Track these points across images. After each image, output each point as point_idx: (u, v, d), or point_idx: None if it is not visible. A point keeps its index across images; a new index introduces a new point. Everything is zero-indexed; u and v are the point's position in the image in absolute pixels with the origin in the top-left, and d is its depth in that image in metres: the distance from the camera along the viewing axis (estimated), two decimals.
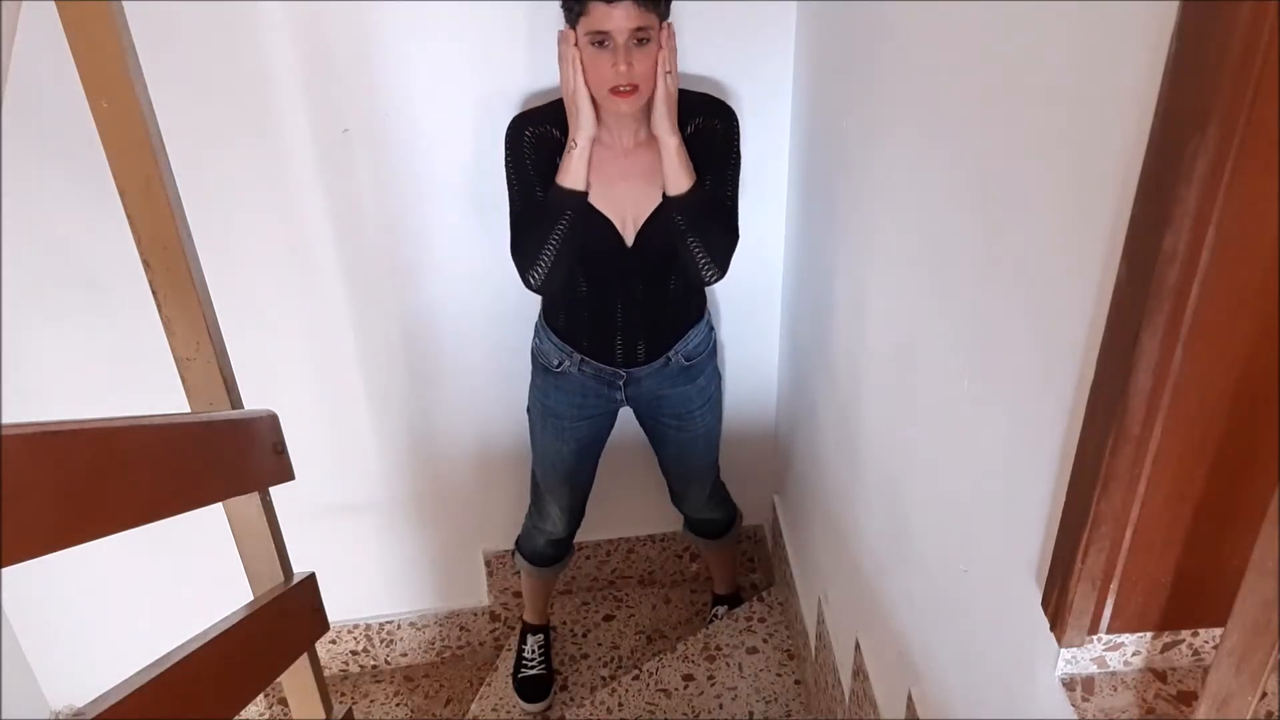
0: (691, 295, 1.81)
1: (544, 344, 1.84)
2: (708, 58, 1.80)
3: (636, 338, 1.78)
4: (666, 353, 1.81)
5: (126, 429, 0.81)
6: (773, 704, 2.12)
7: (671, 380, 1.85)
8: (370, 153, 1.83)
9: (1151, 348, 0.67)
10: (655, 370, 1.82)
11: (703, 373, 1.88)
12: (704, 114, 1.61)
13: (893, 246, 1.31)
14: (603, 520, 2.34)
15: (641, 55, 1.45)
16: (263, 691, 1.71)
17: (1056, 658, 0.86)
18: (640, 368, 1.81)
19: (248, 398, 1.18)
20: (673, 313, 1.79)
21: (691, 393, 1.88)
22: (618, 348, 1.78)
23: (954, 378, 1.09)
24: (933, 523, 1.22)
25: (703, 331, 1.85)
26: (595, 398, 1.86)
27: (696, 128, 1.60)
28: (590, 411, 1.89)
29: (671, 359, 1.82)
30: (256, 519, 1.18)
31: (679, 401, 1.89)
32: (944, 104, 1.07)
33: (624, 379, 1.82)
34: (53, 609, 2.28)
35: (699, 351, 1.85)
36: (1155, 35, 0.63)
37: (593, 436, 1.95)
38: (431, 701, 2.49)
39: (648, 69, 1.47)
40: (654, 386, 1.85)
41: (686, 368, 1.84)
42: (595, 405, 1.88)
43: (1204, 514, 0.76)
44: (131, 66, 0.96)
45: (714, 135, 1.61)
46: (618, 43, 1.43)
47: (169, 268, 1.05)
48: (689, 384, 1.87)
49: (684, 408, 1.90)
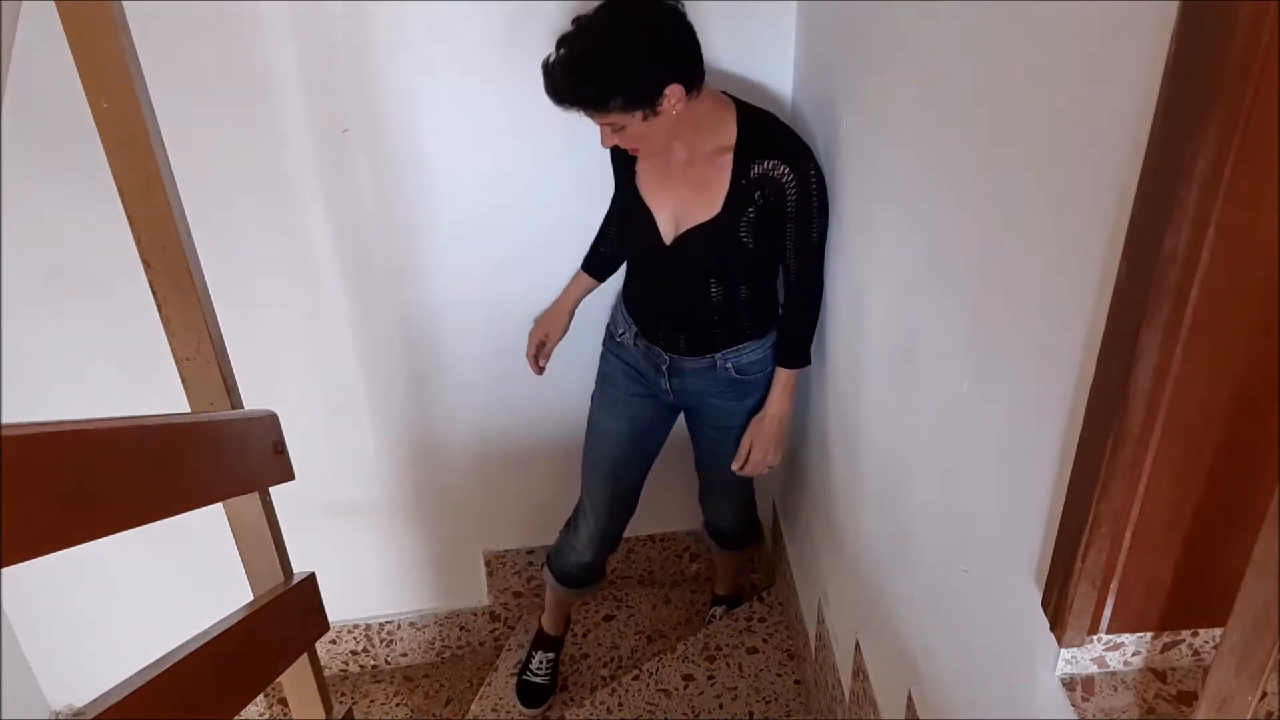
0: (746, 309, 1.73)
1: (616, 313, 1.90)
2: (707, 57, 1.80)
3: (678, 329, 1.77)
4: (712, 354, 1.75)
5: (126, 429, 0.81)
6: (773, 704, 2.12)
7: (720, 389, 1.80)
8: (370, 153, 1.83)
9: (1151, 348, 0.67)
10: (701, 370, 1.78)
11: (754, 395, 1.80)
12: (773, 156, 1.54)
13: (893, 247, 1.31)
14: None
15: (622, 136, 1.49)
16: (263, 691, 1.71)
17: (1056, 658, 0.86)
18: (684, 359, 1.78)
19: (248, 398, 1.18)
20: (719, 317, 1.73)
21: (738, 410, 1.83)
22: (660, 332, 1.79)
23: (954, 378, 1.09)
24: (933, 523, 1.22)
25: (761, 350, 1.76)
26: (645, 377, 1.86)
27: (763, 173, 1.54)
28: (640, 390, 1.88)
29: (719, 363, 1.76)
30: (256, 519, 1.18)
31: (724, 415, 1.85)
32: (944, 104, 1.07)
33: (667, 364, 1.80)
34: (53, 609, 2.28)
35: (753, 370, 1.77)
36: (1155, 35, 0.63)
37: (643, 425, 1.92)
38: (431, 701, 2.49)
39: (635, 140, 1.50)
40: (700, 388, 1.81)
41: (737, 381, 1.78)
42: (645, 385, 1.87)
43: (1204, 514, 0.76)
44: (131, 66, 0.96)
45: (782, 186, 1.53)
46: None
47: (169, 268, 1.05)
48: (737, 401, 1.81)
49: (726, 423, 1.85)
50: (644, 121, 1.45)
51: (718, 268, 1.66)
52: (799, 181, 1.52)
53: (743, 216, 1.57)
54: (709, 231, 1.60)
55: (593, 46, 1.40)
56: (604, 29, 1.41)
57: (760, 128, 1.57)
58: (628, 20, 1.41)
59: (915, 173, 1.19)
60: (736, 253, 1.61)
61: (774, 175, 1.52)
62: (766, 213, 1.56)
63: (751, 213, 1.56)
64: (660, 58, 1.42)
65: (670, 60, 1.43)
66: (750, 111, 1.58)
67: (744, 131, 1.55)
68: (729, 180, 1.55)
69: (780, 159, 1.52)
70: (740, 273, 1.67)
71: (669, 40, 1.43)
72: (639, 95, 1.42)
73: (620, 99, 1.42)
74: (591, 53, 1.40)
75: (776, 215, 1.56)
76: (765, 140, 1.55)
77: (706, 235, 1.60)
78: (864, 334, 1.48)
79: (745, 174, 1.54)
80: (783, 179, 1.52)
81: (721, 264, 1.66)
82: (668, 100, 1.43)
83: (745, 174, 1.54)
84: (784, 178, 1.52)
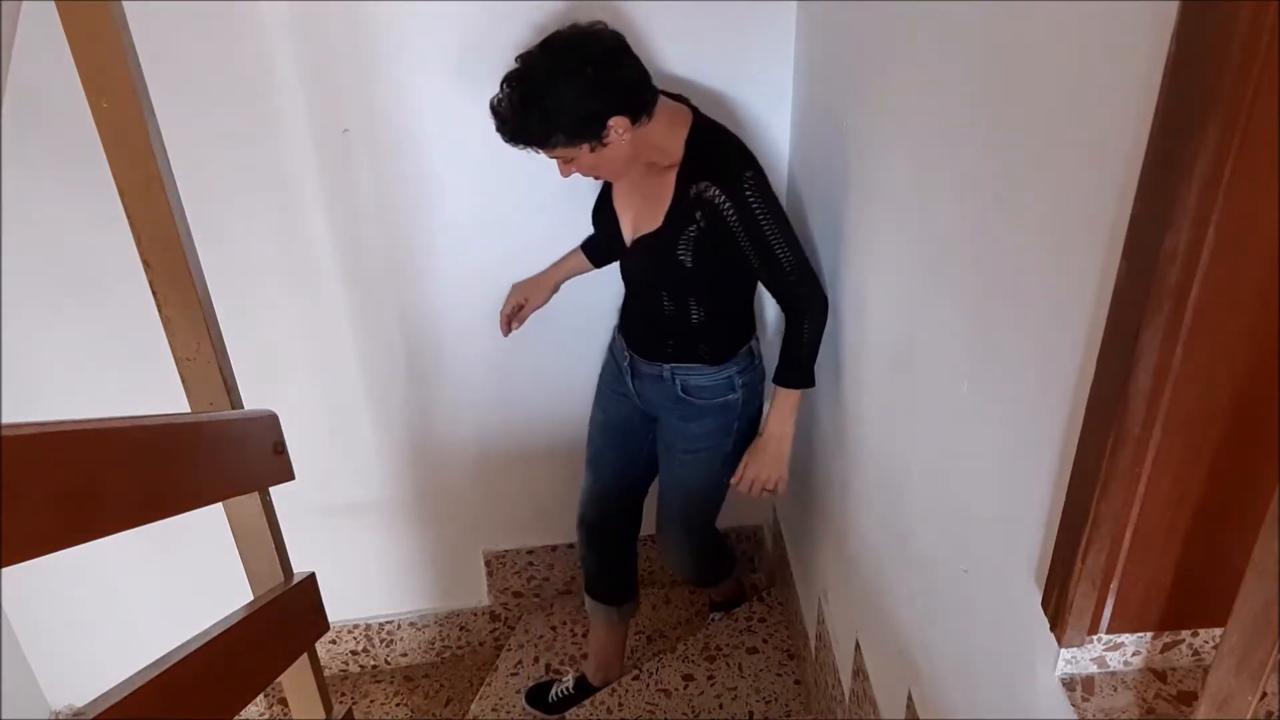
0: (703, 333, 1.70)
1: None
2: (708, 58, 1.80)
3: (638, 329, 1.80)
4: (661, 364, 1.75)
5: (126, 429, 0.81)
6: (773, 704, 2.12)
7: (670, 404, 1.79)
8: (370, 153, 1.83)
9: (1151, 348, 0.67)
10: (654, 379, 1.78)
11: (699, 420, 1.78)
12: (707, 178, 1.50)
13: (893, 247, 1.31)
14: None
15: (576, 166, 1.52)
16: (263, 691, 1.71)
17: (1056, 658, 0.86)
18: (641, 361, 1.79)
19: (248, 398, 1.18)
20: (671, 329, 1.72)
21: (682, 431, 1.81)
22: (629, 327, 1.82)
23: (954, 378, 1.09)
24: (933, 523, 1.22)
25: (712, 378, 1.73)
26: (620, 374, 1.87)
27: (699, 193, 1.51)
28: (619, 386, 1.89)
29: (665, 375, 1.76)
30: (256, 519, 1.18)
31: (673, 433, 1.83)
32: (944, 104, 1.07)
33: (629, 362, 1.82)
34: (53, 609, 2.28)
35: (701, 395, 1.75)
36: (1155, 35, 0.63)
37: (617, 421, 1.93)
38: (431, 701, 2.49)
39: (590, 170, 1.53)
40: (655, 398, 1.81)
41: (684, 400, 1.76)
42: (619, 381, 1.88)
43: (1204, 514, 0.76)
44: (131, 66, 0.96)
45: (717, 209, 1.50)
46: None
47: (169, 268, 1.05)
48: (683, 421, 1.80)
49: (674, 442, 1.84)
50: (593, 153, 1.48)
51: (661, 281, 1.66)
52: (735, 205, 1.48)
53: (682, 234, 1.55)
54: (650, 243, 1.61)
55: (531, 84, 1.43)
56: (541, 66, 1.43)
57: (703, 147, 1.54)
58: (564, 56, 1.43)
59: (915, 173, 1.19)
60: (675, 269, 1.59)
61: (707, 197, 1.49)
62: (710, 234, 1.53)
63: (692, 231, 1.54)
64: (598, 92, 1.42)
65: (609, 94, 1.43)
66: (699, 128, 1.55)
67: (688, 150, 1.54)
68: (671, 197, 1.55)
69: (712, 180, 1.49)
70: (685, 290, 1.64)
71: (608, 74, 1.43)
72: (580, 130, 1.44)
73: (562, 135, 1.44)
74: (531, 91, 1.42)
75: (722, 238, 1.52)
76: (704, 160, 1.53)
77: (649, 247, 1.62)
78: (864, 334, 1.48)
79: (685, 193, 1.53)
80: (715, 200, 1.49)
81: (663, 278, 1.65)
82: (613, 132, 1.45)
83: (685, 193, 1.53)
84: (716, 199, 1.49)
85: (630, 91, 1.46)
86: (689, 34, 1.76)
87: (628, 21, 1.75)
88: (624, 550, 2.09)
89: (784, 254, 1.52)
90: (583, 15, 1.72)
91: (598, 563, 2.11)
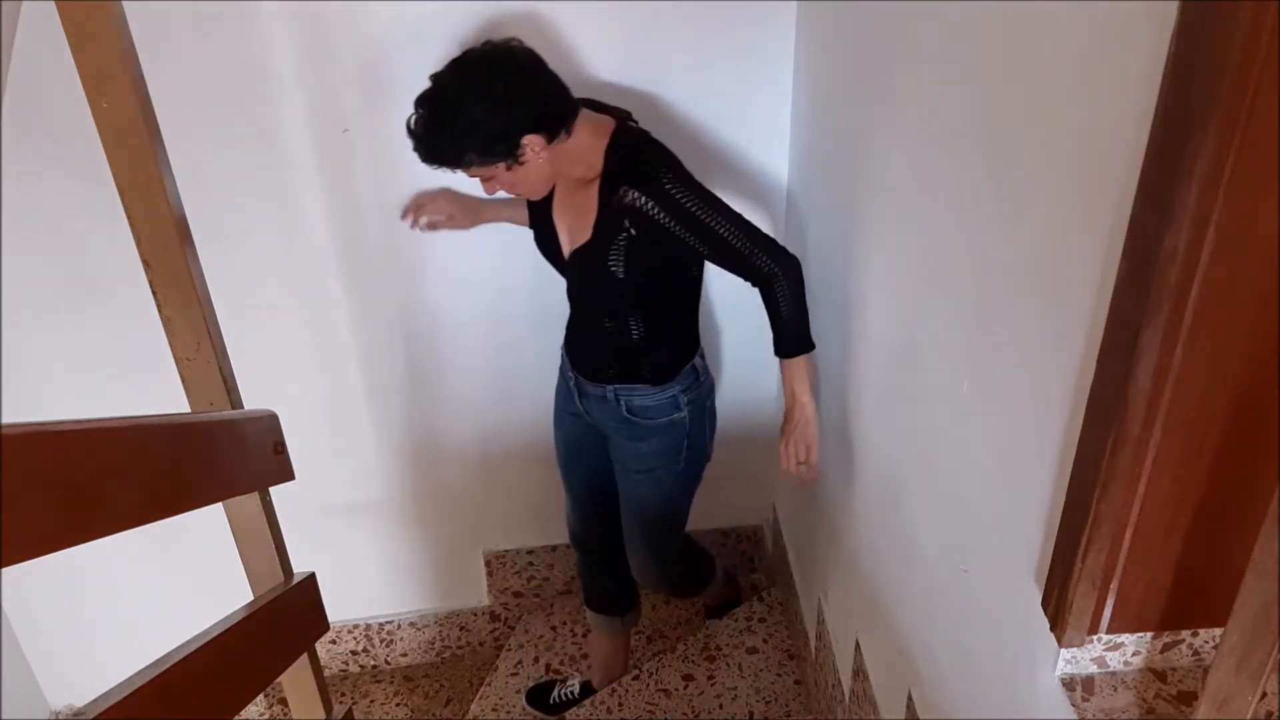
0: (644, 353, 1.67)
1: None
2: (707, 58, 1.80)
3: (580, 347, 1.77)
4: (604, 385, 1.72)
5: (126, 429, 0.81)
6: (773, 704, 2.12)
7: (617, 424, 1.76)
8: (370, 153, 1.83)
9: (1151, 348, 0.67)
10: (599, 399, 1.75)
11: (647, 440, 1.75)
12: (626, 183, 1.47)
13: (893, 246, 1.31)
14: None
15: (496, 183, 1.51)
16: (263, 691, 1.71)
17: (1056, 658, 0.86)
18: (586, 383, 1.76)
19: (248, 398, 1.18)
20: (612, 349, 1.69)
21: (633, 450, 1.78)
22: (571, 346, 1.80)
23: (954, 378, 1.09)
24: (933, 523, 1.22)
25: (656, 398, 1.70)
26: (569, 392, 1.85)
27: (621, 200, 1.48)
28: (568, 406, 1.86)
29: (610, 398, 1.73)
30: (256, 519, 1.18)
31: (622, 453, 1.81)
32: (944, 104, 1.07)
33: (574, 381, 1.80)
34: (53, 609, 2.28)
35: (647, 415, 1.72)
36: (1155, 35, 0.63)
37: (575, 440, 1.91)
38: (431, 701, 2.49)
39: (511, 187, 1.53)
40: (602, 417, 1.79)
41: (630, 421, 1.73)
42: (569, 401, 1.85)
43: (1204, 514, 0.76)
44: (131, 66, 0.96)
45: (644, 213, 1.47)
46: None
47: (169, 268, 1.05)
48: (630, 441, 1.77)
49: (624, 461, 1.82)
50: (510, 171, 1.46)
51: (597, 295, 1.64)
52: (659, 203, 1.45)
53: (612, 244, 1.51)
54: (583, 257, 1.58)
55: (442, 103, 1.41)
56: (450, 86, 1.42)
57: (619, 155, 1.51)
58: (474, 74, 1.41)
59: (915, 172, 1.19)
60: (607, 281, 1.55)
61: (630, 203, 1.46)
62: (642, 241, 1.49)
63: (622, 240, 1.50)
64: (508, 110, 1.41)
65: (521, 112, 1.42)
66: (617, 137, 1.52)
67: (607, 160, 1.51)
68: (597, 207, 1.53)
69: (630, 185, 1.46)
70: (621, 305, 1.62)
71: (519, 92, 1.41)
72: (492, 148, 1.43)
73: (474, 154, 1.43)
74: (441, 110, 1.41)
75: (656, 241, 1.49)
76: (621, 167, 1.50)
77: (581, 260, 1.59)
78: (864, 334, 1.48)
79: (608, 202, 1.50)
80: (638, 204, 1.46)
81: (596, 291, 1.63)
82: (528, 150, 1.43)
83: (608, 202, 1.50)
84: (639, 203, 1.46)
85: (544, 108, 1.44)
86: (689, 35, 1.76)
87: (629, 21, 1.75)
88: (616, 560, 2.05)
89: (728, 232, 1.47)
90: (584, 15, 1.73)
91: (593, 575, 2.11)
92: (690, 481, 1.86)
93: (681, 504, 1.90)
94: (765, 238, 1.50)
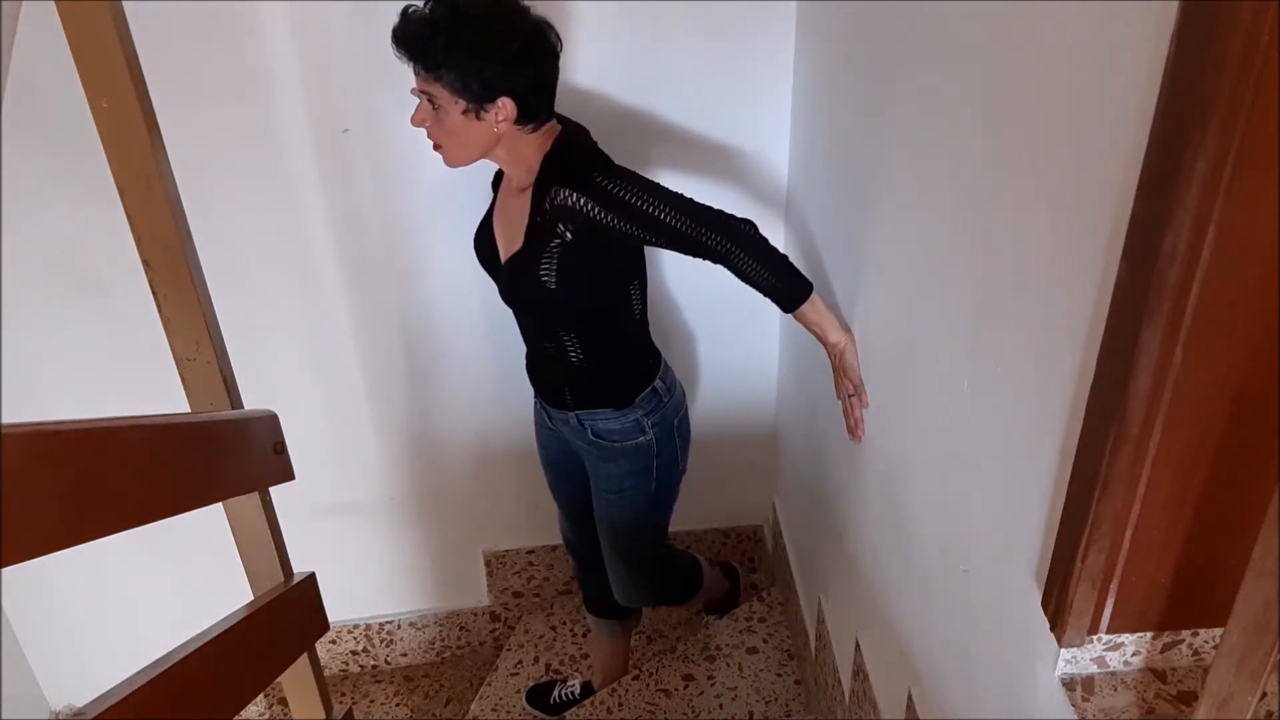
0: (597, 373, 1.63)
1: None
2: (707, 58, 1.81)
3: (535, 374, 1.74)
4: (566, 411, 1.69)
5: (126, 429, 0.81)
6: (773, 704, 2.12)
7: (586, 445, 1.72)
8: (370, 153, 1.83)
9: (1151, 348, 0.67)
10: (564, 421, 1.72)
11: (616, 461, 1.71)
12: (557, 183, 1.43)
13: (893, 245, 1.31)
14: None
15: (435, 121, 1.41)
16: (263, 691, 1.71)
17: (1056, 658, 0.86)
18: (550, 406, 1.74)
19: (248, 398, 1.18)
20: (560, 375, 1.65)
21: (603, 471, 1.75)
22: (529, 374, 1.76)
23: (954, 378, 1.09)
24: (933, 523, 1.22)
25: (620, 421, 1.66)
26: (541, 410, 1.82)
27: (553, 203, 1.43)
28: (544, 423, 1.84)
29: (574, 423, 1.70)
30: (256, 519, 1.18)
31: (593, 472, 1.79)
32: (943, 104, 1.07)
33: (541, 404, 1.79)
34: (53, 609, 2.28)
35: (613, 438, 1.68)
36: (1155, 35, 0.63)
37: (555, 456, 1.89)
38: (431, 701, 2.49)
39: (444, 134, 1.43)
40: (572, 439, 1.76)
41: (596, 443, 1.70)
42: (544, 419, 1.83)
43: (1204, 514, 0.76)
44: (131, 66, 0.96)
45: (581, 213, 1.41)
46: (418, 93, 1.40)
47: (169, 268, 1.05)
48: (601, 462, 1.74)
49: (596, 482, 1.79)
50: (463, 116, 1.39)
51: (529, 311, 1.60)
52: (595, 199, 1.39)
53: (545, 250, 1.45)
54: (515, 265, 1.52)
55: (457, 16, 1.34)
56: (478, 7, 1.36)
57: (555, 159, 1.46)
58: (506, 19, 1.37)
59: (915, 172, 1.19)
60: (538, 291, 1.49)
61: (560, 203, 1.41)
62: (578, 246, 1.44)
63: (555, 247, 1.44)
64: (513, 63, 1.36)
65: (517, 74, 1.37)
66: (557, 142, 1.48)
67: (544, 165, 1.46)
68: (529, 214, 1.48)
69: (561, 185, 1.41)
70: (554, 322, 1.58)
71: (527, 58, 1.38)
72: (467, 82, 1.35)
73: (453, 74, 1.35)
74: (453, 19, 1.34)
75: (593, 244, 1.44)
76: (554, 170, 1.45)
77: (513, 269, 1.53)
78: (864, 333, 1.48)
79: (541, 208, 1.45)
80: (573, 204, 1.40)
81: (528, 304, 1.58)
82: (495, 110, 1.39)
83: (541, 208, 1.45)
84: (572, 202, 1.40)
85: (537, 91, 1.42)
86: (689, 35, 1.77)
87: (630, 21, 1.75)
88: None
89: (668, 217, 1.40)
90: (587, 14, 1.73)
91: (590, 581, 2.10)
92: (663, 499, 1.82)
93: (656, 520, 1.87)
94: (710, 214, 1.43)
